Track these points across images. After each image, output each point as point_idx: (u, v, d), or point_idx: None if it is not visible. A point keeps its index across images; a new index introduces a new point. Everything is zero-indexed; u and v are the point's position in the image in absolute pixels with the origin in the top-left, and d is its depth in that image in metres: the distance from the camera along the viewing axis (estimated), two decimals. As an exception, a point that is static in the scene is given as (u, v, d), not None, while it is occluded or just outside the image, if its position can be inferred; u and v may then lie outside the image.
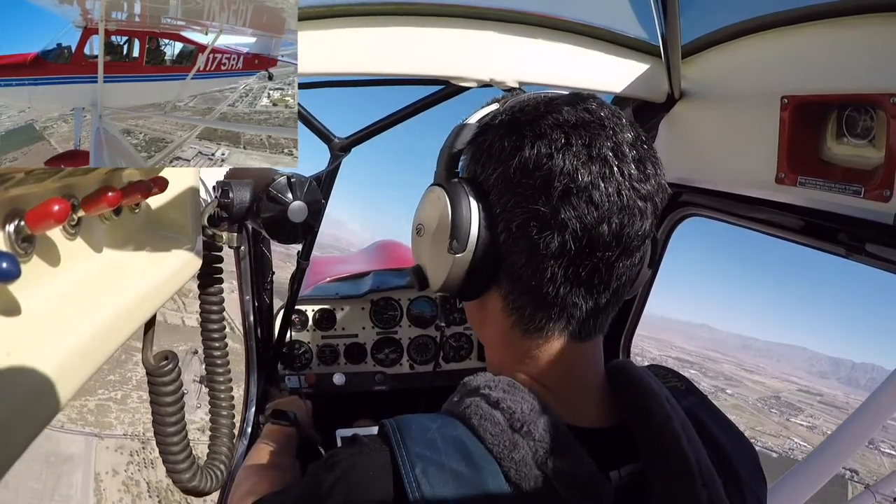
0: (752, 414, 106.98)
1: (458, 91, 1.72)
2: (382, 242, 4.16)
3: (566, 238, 0.79)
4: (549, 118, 0.82)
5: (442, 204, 0.88)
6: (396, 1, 1.52)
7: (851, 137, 1.22)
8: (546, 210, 0.79)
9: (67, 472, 45.13)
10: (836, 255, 1.36)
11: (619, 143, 0.81)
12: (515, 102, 0.90)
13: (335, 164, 1.89)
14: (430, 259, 0.93)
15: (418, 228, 0.96)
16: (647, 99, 1.74)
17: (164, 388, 1.15)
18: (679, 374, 1.07)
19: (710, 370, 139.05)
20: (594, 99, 0.87)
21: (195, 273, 1.06)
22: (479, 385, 0.86)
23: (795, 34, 1.30)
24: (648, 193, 0.82)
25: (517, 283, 0.85)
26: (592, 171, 0.79)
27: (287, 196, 1.17)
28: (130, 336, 0.79)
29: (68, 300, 0.68)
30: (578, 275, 0.81)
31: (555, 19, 1.62)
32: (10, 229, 0.60)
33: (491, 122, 0.89)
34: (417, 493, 0.74)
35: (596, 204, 0.78)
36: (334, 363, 2.79)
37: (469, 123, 0.94)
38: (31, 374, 0.55)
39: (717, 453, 0.90)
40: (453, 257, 0.86)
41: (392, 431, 0.81)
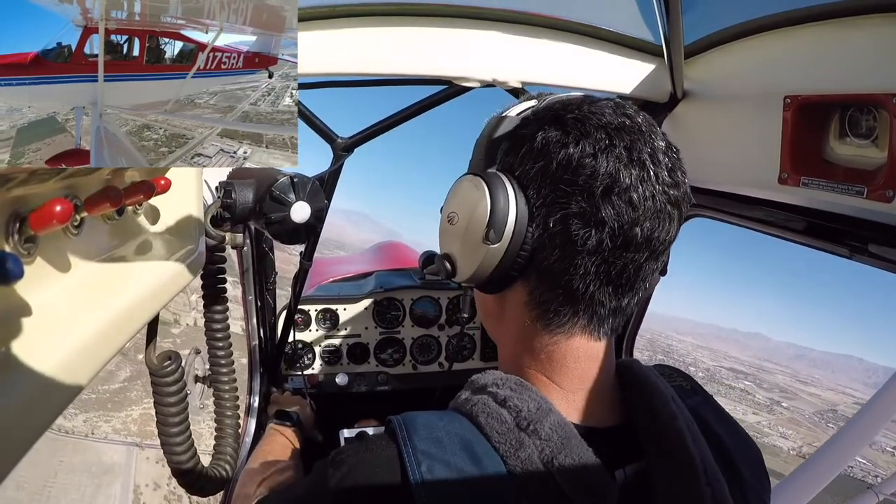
0: (810, 429, 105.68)
1: (460, 91, 1.72)
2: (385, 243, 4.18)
3: (604, 236, 0.80)
4: (593, 119, 0.83)
5: (479, 193, 0.87)
6: (399, 1, 1.52)
7: (854, 138, 1.22)
8: (587, 207, 0.80)
9: (107, 482, 44.63)
10: (840, 256, 1.36)
11: (655, 149, 0.83)
12: (556, 101, 0.90)
13: (338, 164, 1.89)
14: (461, 248, 0.92)
15: (451, 217, 0.95)
16: (649, 99, 1.74)
17: (167, 388, 1.16)
18: (684, 374, 1.07)
19: (764, 381, 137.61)
20: (632, 106, 0.89)
21: (198, 273, 1.06)
22: (487, 383, 0.87)
23: (798, 34, 1.30)
24: (677, 200, 0.84)
25: (547, 276, 0.86)
26: (632, 174, 0.80)
27: (290, 196, 1.17)
28: (133, 337, 0.79)
29: (71, 301, 0.68)
30: (609, 273, 0.82)
31: (557, 20, 1.62)
32: (12, 230, 0.60)
33: (533, 116, 0.89)
34: (423, 491, 0.74)
35: (634, 205, 0.79)
36: (337, 363, 2.79)
37: (510, 116, 0.94)
38: (34, 375, 0.55)
39: (721, 453, 0.90)
40: (488, 247, 0.86)
41: (398, 428, 0.82)
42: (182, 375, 1.18)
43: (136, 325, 0.79)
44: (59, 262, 0.70)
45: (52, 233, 0.68)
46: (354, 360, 2.81)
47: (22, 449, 0.53)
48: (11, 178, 0.59)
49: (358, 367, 2.81)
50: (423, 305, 2.89)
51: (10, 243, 0.60)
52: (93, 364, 0.66)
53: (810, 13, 1.25)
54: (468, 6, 1.57)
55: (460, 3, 1.56)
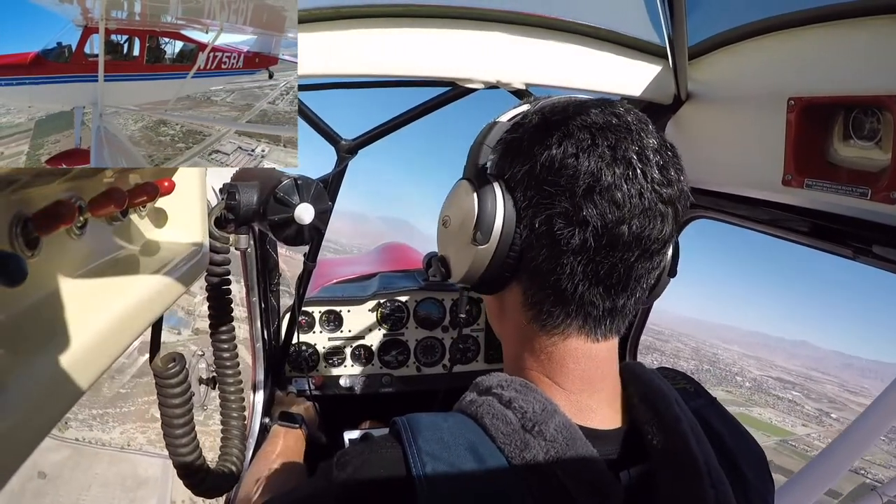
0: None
1: (464, 92, 1.72)
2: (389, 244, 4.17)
3: (587, 235, 0.80)
4: (577, 119, 0.84)
5: (469, 197, 0.90)
6: (404, 3, 1.52)
7: (858, 139, 1.22)
8: (569, 207, 0.80)
9: (142, 497, 44.21)
10: (843, 257, 1.36)
11: (643, 147, 0.83)
12: (546, 104, 0.92)
13: (342, 165, 1.89)
14: (453, 250, 0.96)
15: (445, 220, 0.99)
16: (653, 100, 1.74)
17: (171, 390, 1.16)
18: (688, 377, 1.07)
19: (812, 391, 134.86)
20: (623, 104, 0.89)
21: (202, 275, 1.06)
22: (492, 384, 0.87)
23: (802, 36, 1.30)
24: (670, 198, 0.83)
25: (537, 277, 0.86)
26: (616, 173, 0.80)
27: (294, 198, 1.17)
28: (137, 338, 0.79)
29: (74, 302, 0.68)
30: (597, 273, 0.82)
31: (561, 21, 1.62)
32: (17, 231, 0.60)
33: (522, 121, 0.91)
34: (428, 492, 0.75)
35: (618, 204, 0.79)
36: (341, 365, 2.80)
37: (501, 121, 0.96)
38: (38, 377, 0.55)
39: (724, 455, 0.89)
40: (476, 249, 0.88)
41: (403, 429, 0.82)
42: (186, 377, 1.19)
43: (140, 327, 0.79)
44: (62, 263, 0.70)
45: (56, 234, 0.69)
46: (358, 362, 2.81)
47: (25, 451, 0.53)
48: (15, 180, 0.59)
49: (362, 368, 2.81)
50: (427, 307, 2.89)
51: (14, 244, 0.60)
52: (96, 366, 0.67)
53: (814, 14, 1.24)
54: (472, 7, 1.57)
55: (464, 4, 1.56)
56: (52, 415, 0.58)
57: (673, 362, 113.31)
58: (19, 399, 0.53)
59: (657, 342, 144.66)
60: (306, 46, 1.42)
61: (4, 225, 0.59)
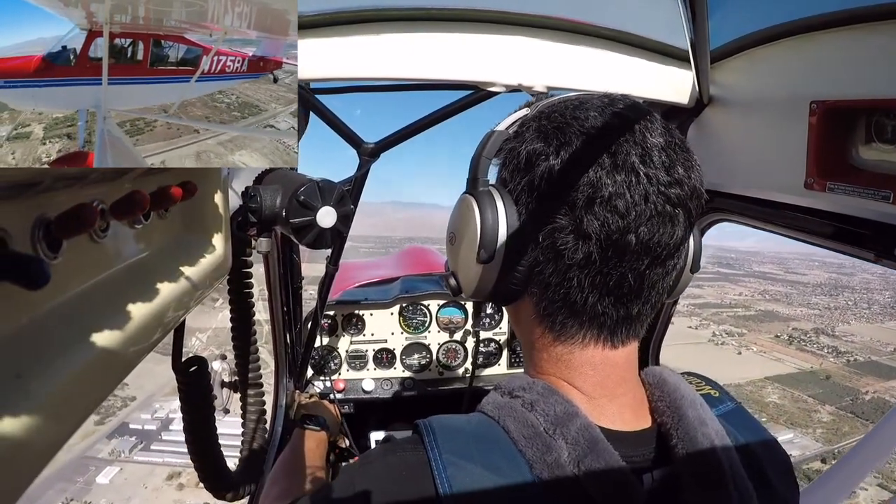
0: None
1: (487, 96, 1.72)
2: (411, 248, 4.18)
3: (591, 248, 0.79)
4: (574, 125, 0.82)
5: (471, 213, 0.88)
6: (427, 6, 1.52)
7: (880, 143, 1.21)
8: (571, 220, 0.79)
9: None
10: (865, 261, 1.35)
11: (647, 148, 0.80)
12: (545, 107, 0.90)
13: (364, 169, 1.89)
14: (462, 267, 0.94)
15: (451, 237, 0.98)
16: (675, 104, 1.73)
17: (193, 393, 1.16)
18: (713, 381, 1.05)
19: None
20: (624, 101, 0.86)
21: (224, 278, 1.06)
22: (515, 388, 0.87)
23: (824, 40, 1.29)
24: (679, 198, 0.81)
25: (547, 291, 0.86)
26: (617, 180, 0.78)
27: (316, 201, 1.17)
28: (159, 342, 0.79)
29: (96, 305, 0.68)
30: (606, 284, 0.81)
31: (584, 25, 1.62)
32: (39, 234, 0.60)
33: (520, 129, 0.89)
34: (450, 494, 0.74)
35: (621, 213, 0.77)
36: (363, 368, 2.80)
37: (499, 130, 0.94)
38: (59, 381, 0.55)
39: (748, 459, 0.88)
40: (482, 266, 0.87)
41: (426, 432, 0.82)
42: (209, 380, 1.19)
43: (163, 330, 0.79)
44: (84, 267, 0.70)
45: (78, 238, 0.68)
46: (381, 366, 2.81)
47: (47, 455, 0.53)
48: (38, 182, 0.59)
49: (384, 372, 2.81)
50: (450, 311, 2.89)
51: (36, 248, 0.60)
52: (118, 370, 0.66)
53: (836, 18, 1.24)
54: (495, 10, 1.57)
55: (488, 7, 1.57)
56: (74, 419, 0.58)
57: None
58: (41, 403, 0.52)
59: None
60: (330, 50, 1.43)
61: (27, 228, 0.58)
